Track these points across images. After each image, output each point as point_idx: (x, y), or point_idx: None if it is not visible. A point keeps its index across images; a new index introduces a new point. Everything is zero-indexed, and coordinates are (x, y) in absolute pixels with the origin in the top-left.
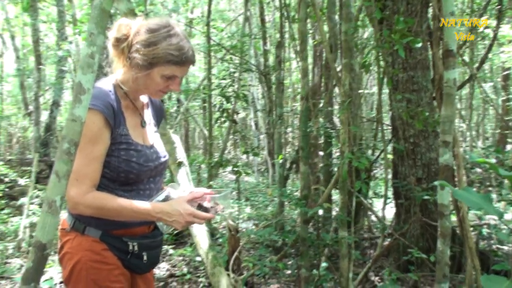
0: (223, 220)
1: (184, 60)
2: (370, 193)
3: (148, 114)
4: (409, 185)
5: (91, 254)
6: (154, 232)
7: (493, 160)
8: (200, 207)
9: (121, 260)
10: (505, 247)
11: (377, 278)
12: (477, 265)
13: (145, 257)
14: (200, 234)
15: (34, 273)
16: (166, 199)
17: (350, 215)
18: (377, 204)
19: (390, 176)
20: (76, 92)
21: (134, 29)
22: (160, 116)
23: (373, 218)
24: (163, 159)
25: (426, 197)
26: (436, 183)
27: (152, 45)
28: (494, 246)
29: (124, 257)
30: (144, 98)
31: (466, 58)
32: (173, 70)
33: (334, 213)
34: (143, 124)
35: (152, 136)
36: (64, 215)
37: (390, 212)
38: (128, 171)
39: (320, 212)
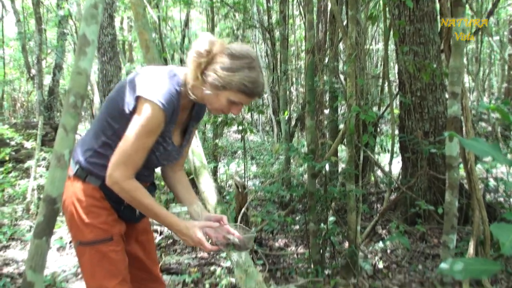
0: (230, 179)
1: (254, 93)
2: (377, 148)
3: (194, 112)
4: (416, 139)
5: (91, 200)
6: (149, 187)
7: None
8: (225, 239)
9: (115, 210)
10: None
11: (384, 231)
12: (485, 216)
13: (137, 211)
14: (208, 189)
15: (46, 227)
16: (181, 214)
17: (357, 169)
18: (384, 159)
19: (396, 131)
20: (80, 44)
21: (218, 48)
22: (202, 114)
23: (380, 173)
24: (176, 160)
25: (433, 151)
26: (444, 133)
27: (230, 70)
28: (501, 199)
29: (118, 208)
30: None
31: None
32: (241, 99)
33: (341, 168)
34: (190, 126)
35: (185, 135)
36: None
37: (396, 167)
38: (144, 158)
39: (327, 167)
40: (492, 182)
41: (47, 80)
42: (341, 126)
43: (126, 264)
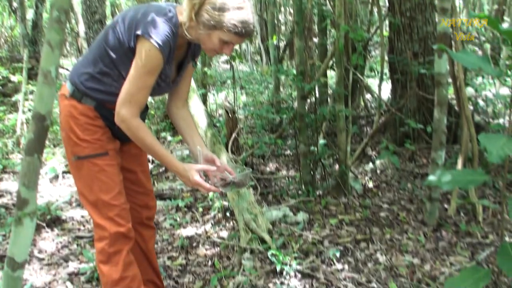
0: (219, 107)
1: (244, 33)
2: (366, 72)
3: (190, 50)
4: (406, 60)
5: (86, 118)
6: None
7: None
8: (222, 180)
9: (109, 129)
10: (501, 120)
11: (374, 152)
12: (473, 133)
13: None
14: (197, 113)
15: (36, 144)
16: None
17: (347, 89)
18: (373, 84)
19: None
20: None
21: None
22: (198, 52)
23: (369, 97)
24: (166, 93)
25: (422, 71)
26: (434, 46)
27: (221, 10)
28: (489, 120)
29: (113, 127)
30: None
31: None
32: (231, 38)
33: (330, 92)
34: (186, 62)
35: (179, 71)
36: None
37: (386, 91)
38: (147, 96)
39: (317, 89)
40: (481, 103)
41: (30, 14)
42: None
43: (121, 178)
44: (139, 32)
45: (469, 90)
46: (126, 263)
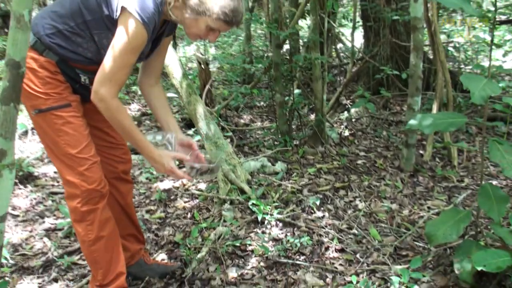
0: (189, 61)
1: (233, 22)
2: (338, 22)
3: (167, 25)
4: (378, 6)
5: (47, 72)
6: None
7: None
8: (192, 168)
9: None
10: (469, 67)
11: (348, 101)
12: (448, 78)
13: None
14: (172, 63)
15: (12, 92)
16: (157, 142)
17: (322, 37)
18: (344, 34)
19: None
20: None
21: None
22: (174, 29)
23: (340, 46)
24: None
25: (395, 18)
26: None
27: None
28: (461, 66)
29: (74, 85)
30: None
31: None
32: (219, 26)
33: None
34: (161, 37)
35: (153, 47)
36: None
37: (358, 40)
38: (128, 75)
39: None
40: (451, 51)
41: None
42: None
43: (88, 130)
44: (125, 5)
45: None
46: (102, 221)
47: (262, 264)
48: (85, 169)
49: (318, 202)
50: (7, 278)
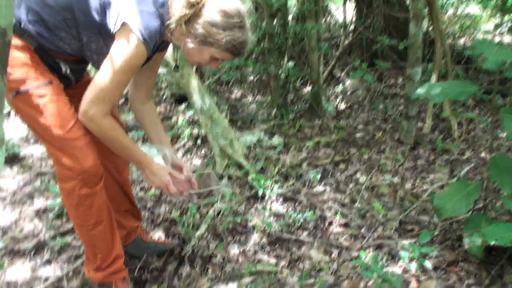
0: None
1: (240, 53)
2: None
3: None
4: None
5: (25, 54)
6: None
7: None
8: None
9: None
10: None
11: (342, 74)
12: (446, 48)
13: (72, 79)
14: None
15: None
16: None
17: (317, 4)
18: (332, 7)
19: None
20: None
21: (208, 1)
22: (168, 44)
23: (331, 19)
24: None
25: None
26: None
27: (221, 29)
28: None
29: (52, 71)
30: None
31: None
32: (225, 57)
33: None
34: (155, 53)
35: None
36: None
37: (349, 12)
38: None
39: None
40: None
41: None
42: None
43: (73, 109)
44: (127, 21)
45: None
46: (101, 205)
47: (264, 240)
48: (77, 150)
49: (318, 176)
50: None
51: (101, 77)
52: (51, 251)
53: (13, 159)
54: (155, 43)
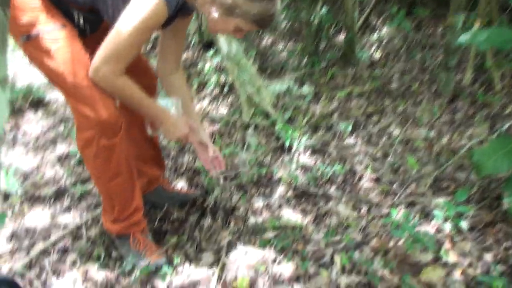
0: None
1: (267, 26)
2: None
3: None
4: None
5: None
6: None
7: None
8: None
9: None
10: None
11: (378, 22)
12: None
13: (87, 29)
14: None
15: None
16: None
17: None
18: None
19: None
20: None
21: None
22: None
23: None
24: None
25: None
26: None
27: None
28: None
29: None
30: None
31: None
32: (250, 28)
33: None
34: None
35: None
36: None
37: None
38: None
39: None
40: None
41: None
42: None
43: (88, 56)
44: None
45: None
46: (121, 157)
47: (290, 193)
48: (92, 99)
49: (349, 128)
50: (17, 208)
51: (116, 34)
52: (71, 198)
53: (37, 104)
54: (177, 3)
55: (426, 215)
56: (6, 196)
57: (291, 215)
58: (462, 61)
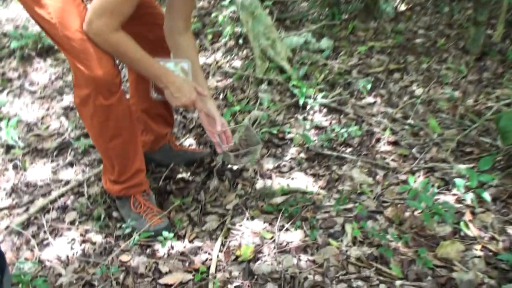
0: None
1: None
2: None
3: None
4: None
5: None
6: None
7: None
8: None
9: None
10: None
11: None
12: None
13: None
14: None
15: None
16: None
17: None
18: None
19: None
20: None
21: None
22: None
23: None
24: None
25: None
26: None
27: None
28: None
29: None
30: None
31: None
32: None
33: None
34: None
35: None
36: None
37: None
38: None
39: None
40: None
41: None
42: None
43: (84, 5)
44: None
45: None
46: (119, 118)
47: (302, 155)
48: (86, 55)
49: (369, 86)
50: (18, 162)
51: None
52: (75, 153)
53: (47, 52)
54: None
55: (447, 183)
56: (9, 148)
57: (302, 179)
58: (492, 16)
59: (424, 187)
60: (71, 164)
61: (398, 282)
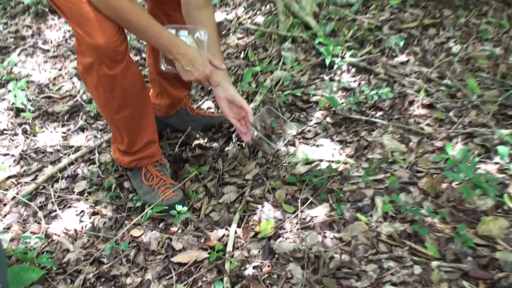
0: None
1: None
2: None
3: None
4: None
5: None
6: None
7: None
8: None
9: None
10: None
11: None
12: None
13: None
14: None
15: None
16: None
17: None
18: None
19: None
20: None
21: None
22: None
23: None
24: None
25: None
26: None
27: None
28: None
29: None
30: None
31: None
32: None
33: None
34: None
35: None
36: None
37: None
38: None
39: None
40: None
41: None
42: None
43: None
44: None
45: None
46: (126, 89)
47: (328, 119)
48: (88, 19)
49: (401, 43)
50: (27, 126)
51: None
52: (86, 117)
53: None
54: None
55: (487, 151)
56: (18, 112)
57: (328, 146)
58: None
59: (463, 155)
60: (82, 129)
61: (434, 263)
